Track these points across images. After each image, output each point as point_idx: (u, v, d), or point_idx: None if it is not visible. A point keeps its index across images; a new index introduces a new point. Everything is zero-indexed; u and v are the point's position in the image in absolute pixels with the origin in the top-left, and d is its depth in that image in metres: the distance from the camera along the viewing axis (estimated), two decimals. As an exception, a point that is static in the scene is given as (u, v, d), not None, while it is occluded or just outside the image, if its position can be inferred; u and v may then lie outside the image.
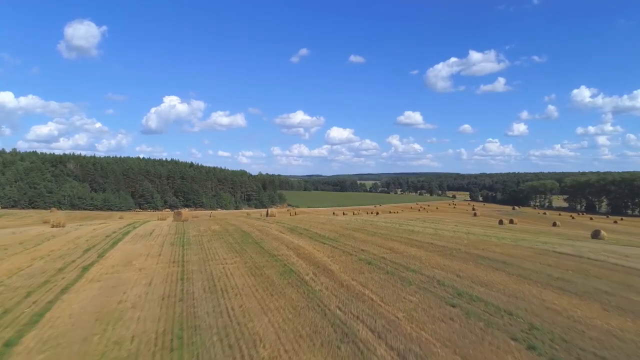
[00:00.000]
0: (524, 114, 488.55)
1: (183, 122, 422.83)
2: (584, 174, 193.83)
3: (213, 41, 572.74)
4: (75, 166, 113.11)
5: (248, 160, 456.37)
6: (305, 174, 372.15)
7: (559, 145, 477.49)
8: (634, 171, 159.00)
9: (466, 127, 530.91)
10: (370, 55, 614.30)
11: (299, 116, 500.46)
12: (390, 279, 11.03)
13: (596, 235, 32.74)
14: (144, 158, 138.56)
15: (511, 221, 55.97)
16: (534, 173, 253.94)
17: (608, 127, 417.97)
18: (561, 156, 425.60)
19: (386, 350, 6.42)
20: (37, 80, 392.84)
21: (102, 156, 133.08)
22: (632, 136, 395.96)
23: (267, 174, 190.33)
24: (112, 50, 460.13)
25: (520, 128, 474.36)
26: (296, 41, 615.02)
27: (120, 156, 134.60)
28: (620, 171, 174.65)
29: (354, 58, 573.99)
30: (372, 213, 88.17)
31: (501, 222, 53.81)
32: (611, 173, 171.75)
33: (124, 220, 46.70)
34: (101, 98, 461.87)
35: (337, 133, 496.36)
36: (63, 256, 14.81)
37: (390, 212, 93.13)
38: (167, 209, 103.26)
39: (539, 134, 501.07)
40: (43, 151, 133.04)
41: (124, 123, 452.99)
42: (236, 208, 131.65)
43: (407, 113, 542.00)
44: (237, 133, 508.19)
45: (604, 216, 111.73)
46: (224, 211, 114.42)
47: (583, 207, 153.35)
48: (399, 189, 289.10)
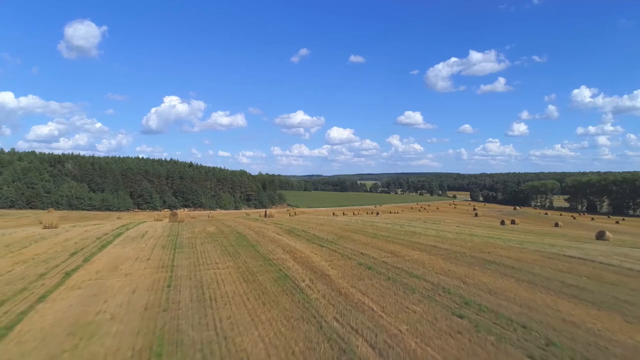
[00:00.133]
0: (524, 114, 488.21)
1: (183, 122, 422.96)
2: (585, 174, 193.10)
3: (213, 41, 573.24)
4: (73, 166, 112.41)
5: (248, 160, 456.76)
6: (305, 174, 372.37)
7: (559, 145, 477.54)
8: (635, 171, 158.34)
9: (466, 127, 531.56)
10: (370, 55, 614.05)
11: (299, 116, 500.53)
12: (391, 286, 10.30)
13: (601, 236, 32.03)
14: (143, 158, 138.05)
15: (513, 221, 55.30)
16: (535, 173, 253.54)
17: (608, 127, 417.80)
18: (561, 156, 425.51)
19: (388, 372, 5.70)
20: (38, 80, 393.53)
21: (102, 156, 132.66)
22: (633, 136, 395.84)
23: (267, 174, 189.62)
24: (112, 50, 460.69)
25: (520, 128, 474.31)
26: (296, 41, 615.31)
27: (119, 156, 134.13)
28: (620, 171, 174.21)
29: (354, 58, 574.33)
30: (373, 213, 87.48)
31: (503, 223, 53.16)
32: (612, 173, 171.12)
33: (120, 221, 46.03)
34: (101, 98, 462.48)
35: (338, 133, 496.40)
36: (47, 260, 14.08)
37: (390, 212, 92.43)
38: (166, 209, 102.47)
39: (539, 134, 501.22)
40: (43, 151, 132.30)
41: (124, 123, 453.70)
42: (236, 208, 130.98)
43: (408, 113, 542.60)
44: (238, 133, 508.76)
45: (606, 216, 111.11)
46: (224, 211, 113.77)
47: (584, 208, 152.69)
48: (399, 189, 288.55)
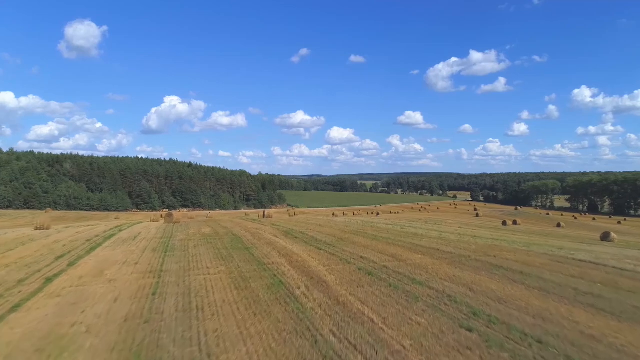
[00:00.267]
0: (525, 114, 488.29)
1: (183, 122, 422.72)
2: (586, 174, 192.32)
3: (213, 41, 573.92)
4: (71, 166, 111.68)
5: (249, 160, 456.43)
6: (305, 174, 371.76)
7: (560, 145, 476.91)
8: (636, 171, 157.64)
9: (467, 127, 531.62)
10: (370, 55, 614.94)
11: (300, 116, 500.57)
12: (393, 294, 9.60)
13: (606, 237, 31.29)
14: (142, 158, 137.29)
15: (515, 222, 54.62)
16: (535, 173, 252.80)
17: (609, 127, 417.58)
18: (562, 156, 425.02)
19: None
20: (38, 80, 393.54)
21: (101, 156, 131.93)
22: (633, 136, 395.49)
23: (267, 174, 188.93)
24: (113, 50, 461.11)
25: (520, 128, 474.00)
26: (296, 41, 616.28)
27: (118, 156, 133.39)
28: (621, 171, 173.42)
29: (355, 58, 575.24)
30: (373, 213, 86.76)
31: (505, 223, 52.46)
32: (613, 173, 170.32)
33: (117, 221, 45.33)
34: (102, 98, 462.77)
35: (338, 133, 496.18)
36: (30, 264, 13.38)
37: (391, 213, 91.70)
38: (165, 210, 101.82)
39: (540, 134, 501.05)
40: (43, 151, 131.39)
41: (125, 123, 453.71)
42: (235, 208, 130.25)
43: (408, 113, 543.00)
44: (238, 133, 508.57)
45: (607, 216, 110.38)
46: (223, 212, 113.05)
47: (585, 208, 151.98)
48: (400, 189, 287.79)
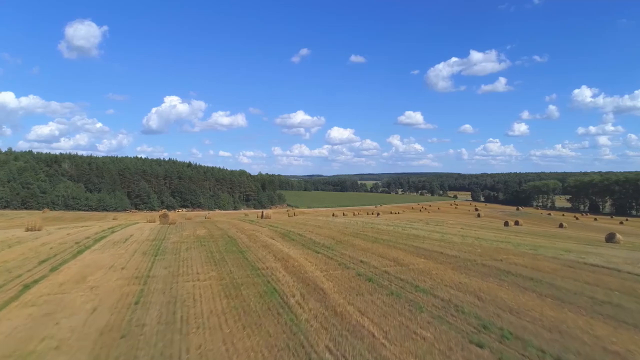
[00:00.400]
0: (525, 114, 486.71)
1: (184, 122, 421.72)
2: (587, 174, 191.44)
3: (213, 41, 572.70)
4: (70, 166, 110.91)
5: (249, 160, 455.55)
6: (305, 174, 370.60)
7: (560, 145, 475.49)
8: (638, 171, 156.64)
9: (467, 127, 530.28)
10: (370, 55, 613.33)
11: (300, 116, 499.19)
12: (395, 303, 8.87)
13: (611, 238, 30.52)
14: (141, 158, 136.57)
15: (517, 222, 53.79)
16: (536, 173, 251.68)
17: (609, 127, 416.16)
18: (562, 156, 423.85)
19: None
20: (38, 80, 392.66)
21: (100, 156, 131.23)
22: (634, 136, 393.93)
23: (267, 174, 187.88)
24: (113, 50, 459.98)
25: (521, 128, 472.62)
26: (297, 41, 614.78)
27: (118, 156, 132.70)
28: (622, 171, 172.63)
29: (355, 58, 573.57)
30: (373, 214, 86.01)
31: (507, 224, 51.66)
32: (615, 173, 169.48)
33: (114, 221, 44.60)
34: (102, 98, 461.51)
35: (338, 133, 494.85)
36: (12, 269, 12.66)
37: (391, 213, 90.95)
38: (164, 210, 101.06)
39: (540, 134, 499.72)
40: (43, 151, 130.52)
41: (125, 123, 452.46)
42: (235, 208, 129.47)
43: (408, 113, 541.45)
44: (238, 133, 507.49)
45: (608, 217, 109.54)
46: (222, 212, 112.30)
47: (586, 208, 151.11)
48: (400, 189, 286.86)
